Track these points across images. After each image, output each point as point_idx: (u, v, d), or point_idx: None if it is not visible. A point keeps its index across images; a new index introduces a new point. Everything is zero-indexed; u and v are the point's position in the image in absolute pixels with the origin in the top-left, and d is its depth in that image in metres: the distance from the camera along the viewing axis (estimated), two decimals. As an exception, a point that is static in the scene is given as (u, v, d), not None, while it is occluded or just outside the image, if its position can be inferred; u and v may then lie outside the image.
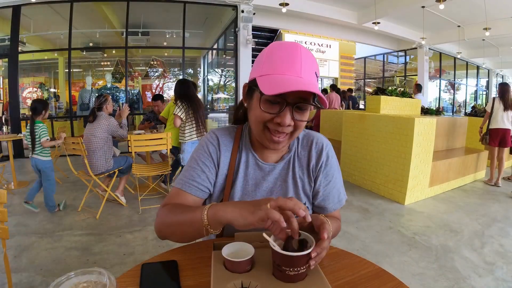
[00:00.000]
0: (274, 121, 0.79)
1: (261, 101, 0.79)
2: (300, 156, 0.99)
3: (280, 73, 0.75)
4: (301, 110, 0.80)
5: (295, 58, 0.76)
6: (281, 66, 0.76)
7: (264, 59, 0.80)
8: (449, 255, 2.56)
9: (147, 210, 3.47)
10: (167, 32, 8.63)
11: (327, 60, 11.32)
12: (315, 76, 0.79)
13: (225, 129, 1.01)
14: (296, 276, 0.66)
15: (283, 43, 0.80)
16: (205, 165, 0.94)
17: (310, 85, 0.73)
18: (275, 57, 0.78)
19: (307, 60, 0.77)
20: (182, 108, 3.44)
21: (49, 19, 7.67)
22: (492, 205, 3.84)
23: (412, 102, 5.29)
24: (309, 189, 0.99)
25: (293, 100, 0.76)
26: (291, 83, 0.71)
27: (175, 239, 0.85)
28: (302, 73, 0.75)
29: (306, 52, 0.78)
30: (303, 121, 0.81)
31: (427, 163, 3.88)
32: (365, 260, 0.82)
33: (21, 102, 7.37)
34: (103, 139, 3.36)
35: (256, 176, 0.96)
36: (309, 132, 1.04)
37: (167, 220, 0.86)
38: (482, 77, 16.21)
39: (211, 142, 0.96)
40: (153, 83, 10.40)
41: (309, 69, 0.77)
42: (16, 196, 3.94)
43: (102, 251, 2.57)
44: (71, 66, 7.15)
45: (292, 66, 0.75)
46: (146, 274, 0.72)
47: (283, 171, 0.97)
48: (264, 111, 0.78)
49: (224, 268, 0.71)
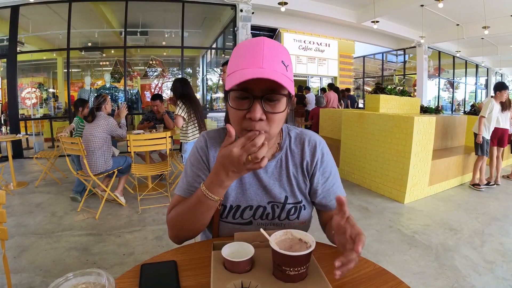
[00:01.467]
0: (246, 117, 0.78)
1: (230, 100, 0.79)
2: (293, 154, 0.98)
3: (242, 68, 0.75)
4: (272, 102, 0.78)
5: (257, 50, 0.75)
6: (244, 61, 0.75)
7: (231, 59, 0.81)
8: (449, 253, 2.56)
9: (146, 210, 3.47)
10: (166, 32, 8.62)
11: (326, 59, 11.32)
12: (282, 65, 0.77)
13: (215, 130, 1.02)
14: (296, 276, 0.65)
15: (249, 40, 0.80)
16: (198, 168, 0.95)
17: (271, 73, 0.71)
18: (239, 54, 0.78)
19: (271, 50, 0.76)
20: (185, 108, 3.39)
21: (48, 19, 7.65)
22: (492, 203, 3.84)
23: (411, 100, 5.30)
24: (304, 187, 0.98)
25: (261, 92, 0.75)
26: (249, 74, 0.71)
27: (189, 230, 0.88)
28: (263, 64, 0.74)
29: (271, 43, 0.77)
30: (275, 113, 0.78)
31: (427, 162, 3.88)
32: (366, 259, 0.81)
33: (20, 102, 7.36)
34: (102, 139, 3.36)
35: (249, 175, 0.95)
36: (302, 130, 1.03)
37: (175, 217, 0.90)
38: (481, 76, 16.21)
39: (199, 144, 0.98)
40: (152, 83, 10.39)
41: (272, 58, 0.75)
42: (16, 196, 3.94)
43: (101, 251, 2.57)
44: (70, 66, 7.13)
45: (254, 59, 0.74)
46: (145, 274, 0.71)
47: (275, 169, 0.96)
48: (234, 109, 0.78)
49: (224, 268, 0.70)
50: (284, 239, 0.72)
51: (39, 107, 8.47)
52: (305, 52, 10.82)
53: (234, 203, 0.94)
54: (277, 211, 0.95)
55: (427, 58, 11.51)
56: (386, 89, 5.08)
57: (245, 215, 0.94)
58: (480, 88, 16.49)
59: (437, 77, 13.66)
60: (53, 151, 4.77)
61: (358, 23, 9.22)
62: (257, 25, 8.94)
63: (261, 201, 0.95)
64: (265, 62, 0.74)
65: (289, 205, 0.95)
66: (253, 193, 0.95)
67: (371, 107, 4.82)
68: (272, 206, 0.95)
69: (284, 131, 1.00)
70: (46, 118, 8.30)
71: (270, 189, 0.95)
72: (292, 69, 0.83)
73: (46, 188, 4.30)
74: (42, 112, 8.51)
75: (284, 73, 0.76)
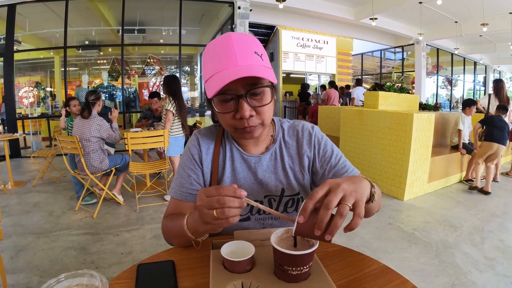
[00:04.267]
0: (236, 117, 0.77)
1: (216, 105, 0.78)
2: (288, 146, 0.97)
3: (218, 70, 0.73)
4: (257, 96, 0.77)
5: (228, 49, 0.73)
6: (219, 63, 0.74)
7: (204, 64, 0.79)
8: (449, 250, 2.55)
9: (144, 209, 3.44)
10: (164, 29, 8.57)
11: (324, 56, 11.30)
12: (256, 55, 0.76)
13: (206, 128, 1.01)
14: (299, 276, 0.63)
15: (215, 40, 0.78)
16: (190, 168, 0.94)
17: (247, 69, 0.71)
18: (211, 57, 0.77)
19: (240, 44, 0.74)
20: (174, 104, 3.57)
21: (45, 17, 7.59)
22: (491, 200, 3.83)
23: (410, 97, 5.28)
24: (301, 178, 0.96)
25: (243, 90, 0.75)
26: (226, 77, 0.70)
27: (180, 244, 0.86)
28: (238, 61, 0.72)
29: (238, 37, 0.76)
30: (264, 105, 0.78)
31: (426, 159, 3.87)
32: (369, 257, 0.79)
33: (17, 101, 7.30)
34: (95, 142, 3.30)
35: (243, 169, 0.94)
36: (295, 121, 1.02)
37: (167, 232, 0.89)
38: (480, 73, 16.25)
39: (192, 144, 0.97)
40: (150, 81, 10.34)
41: (244, 52, 0.74)
42: (13, 196, 3.91)
43: (99, 250, 2.54)
44: (67, 65, 7.09)
45: (227, 58, 0.73)
46: (142, 275, 0.69)
47: (270, 162, 0.95)
48: (222, 113, 0.78)
49: (223, 268, 0.68)
50: (286, 237, 0.70)
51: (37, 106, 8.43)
52: (303, 49, 10.79)
53: None
54: (274, 204, 0.94)
55: (425, 55, 11.51)
56: (385, 86, 5.06)
57: (242, 211, 0.92)
58: (479, 85, 16.52)
59: (435, 75, 13.68)
60: (51, 150, 4.74)
61: (356, 20, 9.20)
62: (255, 22, 8.91)
63: (258, 195, 0.94)
64: (239, 58, 0.73)
65: (286, 197, 0.94)
66: (248, 188, 0.93)
67: (370, 104, 4.80)
68: (269, 199, 0.94)
69: (277, 124, 1.00)
70: (43, 117, 8.26)
71: (266, 183, 0.94)
72: (267, 55, 0.81)
73: (43, 187, 4.27)
74: (39, 111, 8.46)
75: (260, 64, 0.75)
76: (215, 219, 0.62)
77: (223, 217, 0.61)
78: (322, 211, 0.55)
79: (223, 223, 0.62)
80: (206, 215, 0.63)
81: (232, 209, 0.61)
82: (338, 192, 0.57)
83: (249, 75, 0.69)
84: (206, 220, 0.64)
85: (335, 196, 0.56)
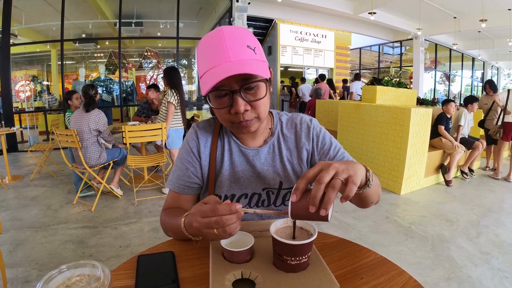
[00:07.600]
0: (231, 112, 0.77)
1: (211, 101, 0.78)
2: (286, 139, 0.98)
3: (211, 67, 0.73)
4: (251, 90, 0.76)
5: (220, 44, 0.73)
6: (211, 59, 0.73)
7: (198, 60, 0.79)
8: (445, 244, 2.57)
9: (142, 202, 3.45)
10: (161, 23, 8.49)
11: (322, 50, 11.26)
12: (249, 49, 0.75)
13: (205, 121, 1.00)
14: (297, 266, 0.64)
15: (207, 35, 0.77)
16: (188, 161, 0.94)
17: (240, 65, 0.70)
18: (204, 52, 0.76)
19: (232, 38, 0.74)
20: (176, 96, 3.56)
21: (41, 10, 7.50)
22: (488, 195, 3.86)
23: (408, 92, 5.28)
24: (300, 170, 0.97)
25: (237, 85, 0.74)
26: (219, 73, 0.69)
27: (177, 238, 0.86)
28: (230, 56, 0.72)
29: (230, 31, 0.75)
30: (259, 99, 0.78)
31: (423, 153, 3.89)
32: (366, 248, 0.80)
33: (14, 95, 7.25)
34: (94, 136, 3.29)
35: (241, 162, 0.95)
36: (293, 114, 1.03)
37: (165, 226, 0.90)
38: (477, 69, 16.26)
39: (190, 137, 0.97)
40: (147, 75, 10.27)
41: (237, 47, 0.73)
42: (11, 190, 3.90)
43: (98, 243, 2.55)
44: (64, 58, 7.02)
45: (220, 54, 0.72)
46: (142, 266, 0.70)
47: (268, 155, 0.96)
48: (218, 108, 0.78)
49: (223, 258, 0.69)
50: (285, 227, 0.71)
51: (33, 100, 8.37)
52: (301, 43, 10.75)
53: (229, 192, 0.93)
54: (272, 197, 0.95)
55: (423, 50, 11.50)
56: (383, 80, 5.06)
57: (241, 203, 0.93)
58: (476, 81, 16.54)
59: (433, 70, 13.68)
60: (48, 144, 4.71)
61: (355, 14, 9.17)
62: (253, 15, 8.86)
63: (256, 188, 0.94)
64: (231, 53, 0.72)
65: (284, 190, 0.95)
66: (247, 181, 0.94)
67: (368, 98, 4.80)
68: (267, 192, 0.95)
69: (276, 117, 1.00)
70: (40, 111, 8.20)
71: (264, 176, 0.94)
72: (261, 47, 0.81)
73: (41, 181, 4.26)
74: (36, 105, 8.40)
75: (253, 58, 0.75)
76: (216, 235, 0.63)
77: (226, 235, 0.62)
78: (315, 186, 0.56)
79: (225, 237, 0.63)
80: (207, 234, 0.64)
81: (232, 225, 0.62)
82: (330, 169, 0.57)
83: (241, 72, 0.69)
84: (208, 237, 0.65)
85: (327, 172, 0.57)
